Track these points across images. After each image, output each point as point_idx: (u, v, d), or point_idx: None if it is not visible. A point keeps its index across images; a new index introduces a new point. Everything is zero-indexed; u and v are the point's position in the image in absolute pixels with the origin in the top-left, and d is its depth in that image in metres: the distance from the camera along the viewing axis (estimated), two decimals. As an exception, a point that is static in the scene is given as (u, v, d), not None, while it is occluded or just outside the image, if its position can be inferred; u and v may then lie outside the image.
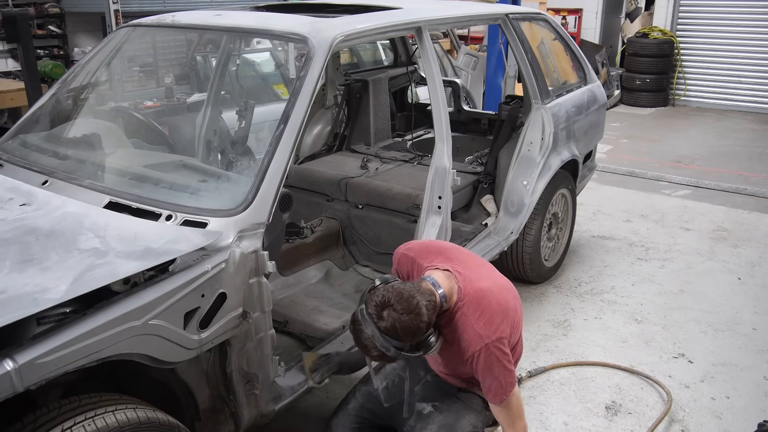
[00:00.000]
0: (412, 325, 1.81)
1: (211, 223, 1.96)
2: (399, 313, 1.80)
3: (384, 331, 1.81)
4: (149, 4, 7.63)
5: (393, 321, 1.80)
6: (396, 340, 1.82)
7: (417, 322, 1.82)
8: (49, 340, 1.50)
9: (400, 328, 1.81)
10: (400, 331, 1.81)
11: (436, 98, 2.84)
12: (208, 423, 2.04)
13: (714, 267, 4.21)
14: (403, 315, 1.80)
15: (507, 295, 2.04)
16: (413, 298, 1.83)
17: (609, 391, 2.96)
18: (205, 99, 3.33)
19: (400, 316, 1.80)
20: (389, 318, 1.80)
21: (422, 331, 1.86)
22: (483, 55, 7.38)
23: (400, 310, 1.80)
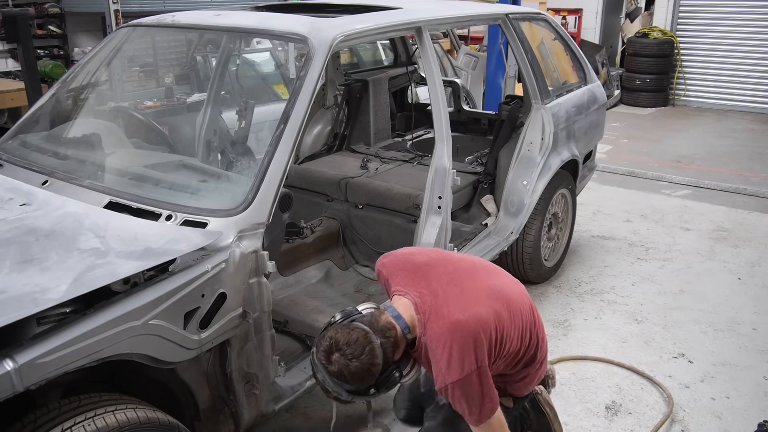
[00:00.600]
0: (362, 369, 1.72)
1: (211, 223, 1.96)
2: (348, 359, 1.72)
3: (334, 375, 1.74)
4: (149, 4, 7.63)
5: (340, 367, 1.72)
6: (347, 383, 1.75)
7: (368, 366, 1.73)
8: (49, 340, 1.50)
9: (348, 374, 1.73)
10: (348, 376, 1.73)
11: (436, 98, 2.84)
12: (208, 423, 2.04)
13: (714, 267, 4.21)
14: (352, 360, 1.71)
15: (486, 315, 1.87)
16: (365, 339, 1.73)
17: (609, 391, 2.96)
18: (205, 99, 3.33)
19: (348, 361, 1.71)
20: (336, 363, 1.73)
21: (374, 374, 1.76)
22: (483, 55, 7.38)
23: (348, 355, 1.71)
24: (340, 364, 1.73)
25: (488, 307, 1.91)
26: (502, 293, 1.99)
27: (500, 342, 1.92)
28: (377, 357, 1.75)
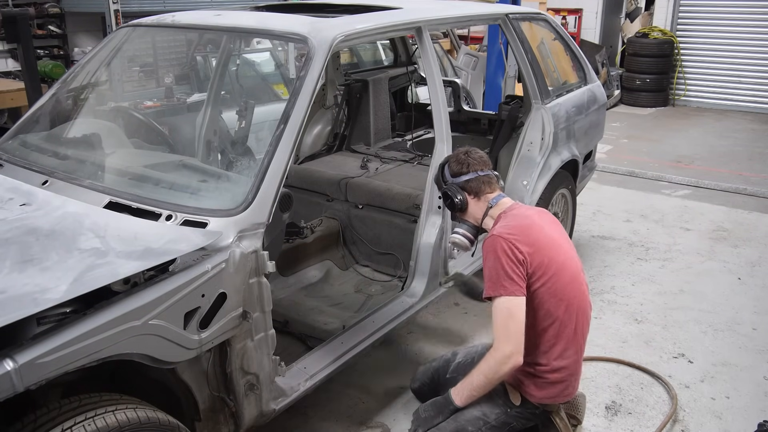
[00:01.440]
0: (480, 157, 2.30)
1: (211, 223, 1.96)
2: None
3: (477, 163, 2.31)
4: (149, 4, 7.63)
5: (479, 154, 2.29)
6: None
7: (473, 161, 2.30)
8: (49, 340, 1.50)
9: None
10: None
11: (436, 98, 2.84)
12: (209, 423, 2.04)
13: (714, 267, 4.21)
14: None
15: (540, 221, 2.24)
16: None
17: (609, 391, 2.96)
18: (205, 99, 3.33)
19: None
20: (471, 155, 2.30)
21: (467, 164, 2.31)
22: (483, 55, 7.39)
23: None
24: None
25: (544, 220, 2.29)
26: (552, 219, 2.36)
27: (536, 248, 2.14)
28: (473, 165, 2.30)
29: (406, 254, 2.99)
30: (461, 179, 2.32)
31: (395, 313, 2.73)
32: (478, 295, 2.61)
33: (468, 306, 3.71)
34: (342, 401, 2.89)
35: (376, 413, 2.82)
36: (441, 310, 3.62)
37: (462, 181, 2.32)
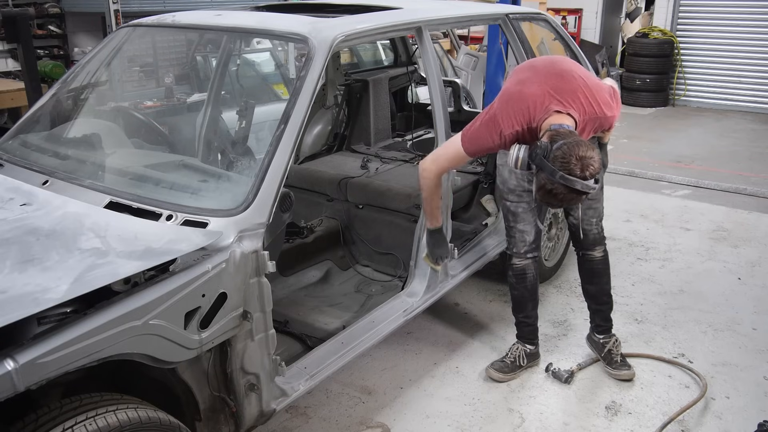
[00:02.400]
0: (599, 158, 2.30)
1: (211, 223, 1.97)
2: (596, 160, 2.27)
3: (591, 177, 2.27)
4: (149, 4, 7.63)
5: (595, 168, 2.26)
6: (595, 176, 2.29)
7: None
8: (50, 339, 1.50)
9: (598, 167, 2.28)
10: (598, 169, 2.29)
11: (436, 98, 2.85)
12: (209, 423, 2.05)
13: (714, 267, 4.21)
14: (596, 159, 2.27)
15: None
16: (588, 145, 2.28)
17: (609, 391, 2.96)
18: (206, 99, 3.33)
19: (597, 161, 2.27)
20: (590, 166, 2.25)
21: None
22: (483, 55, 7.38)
23: (596, 159, 2.27)
24: (594, 166, 2.27)
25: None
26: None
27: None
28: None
29: (406, 254, 3.00)
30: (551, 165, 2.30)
31: (395, 313, 2.73)
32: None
33: (468, 306, 3.71)
34: (342, 401, 2.89)
35: (376, 413, 2.82)
36: (441, 310, 3.63)
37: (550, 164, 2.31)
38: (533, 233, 2.92)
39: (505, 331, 3.42)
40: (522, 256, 2.95)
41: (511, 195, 2.88)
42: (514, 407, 2.86)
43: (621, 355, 3.07)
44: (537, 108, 2.46)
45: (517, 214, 2.89)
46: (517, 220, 2.90)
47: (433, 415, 2.81)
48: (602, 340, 3.09)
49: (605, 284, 3.05)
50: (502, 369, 3.03)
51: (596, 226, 2.95)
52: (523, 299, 3.03)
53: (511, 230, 2.95)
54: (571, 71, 2.56)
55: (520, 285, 3.00)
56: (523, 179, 2.81)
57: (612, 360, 3.05)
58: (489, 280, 3.93)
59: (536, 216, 2.91)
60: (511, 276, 3.01)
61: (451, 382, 3.03)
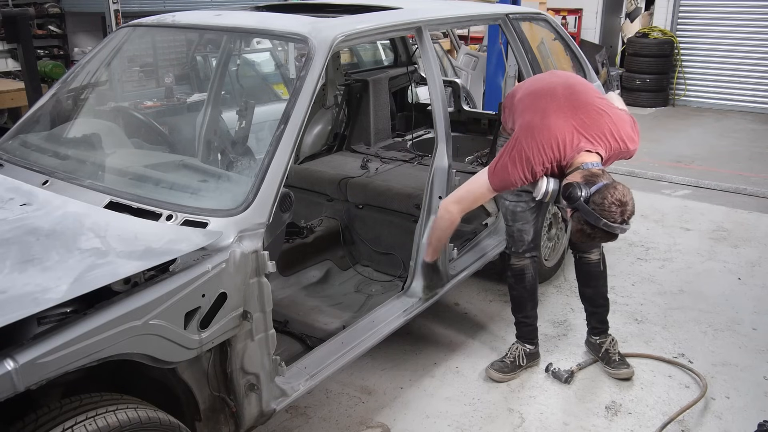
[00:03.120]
0: (632, 199, 2.35)
1: (211, 223, 1.97)
2: (632, 201, 2.34)
3: (628, 220, 2.32)
4: (149, 4, 7.63)
5: (632, 211, 2.33)
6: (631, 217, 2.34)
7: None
8: (50, 339, 1.50)
9: (633, 209, 2.34)
10: (633, 211, 2.34)
11: (436, 98, 2.84)
12: (209, 423, 2.04)
13: (714, 267, 4.21)
14: (631, 200, 2.33)
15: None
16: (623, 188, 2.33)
17: (609, 391, 2.96)
18: (205, 99, 3.33)
19: (632, 202, 2.34)
20: (629, 210, 2.31)
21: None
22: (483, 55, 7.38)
23: (632, 203, 2.33)
24: (629, 211, 2.31)
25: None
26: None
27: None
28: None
29: (406, 254, 2.99)
30: (591, 208, 2.31)
31: (395, 313, 2.73)
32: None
33: (468, 306, 3.71)
34: (342, 401, 2.89)
35: (376, 413, 2.82)
36: (441, 310, 3.63)
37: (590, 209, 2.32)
38: (532, 233, 2.93)
39: (505, 331, 3.42)
40: (520, 256, 2.96)
41: (509, 195, 2.89)
42: (514, 407, 2.86)
43: (619, 354, 3.07)
44: (567, 146, 2.44)
45: (515, 213, 2.90)
46: (515, 220, 2.91)
47: (433, 415, 2.81)
48: (598, 341, 3.10)
49: (602, 287, 3.06)
50: (502, 369, 3.03)
51: None
52: (522, 299, 3.04)
53: (509, 230, 2.97)
54: (594, 104, 2.54)
55: (519, 285, 3.00)
56: None
57: (610, 360, 3.05)
58: (489, 280, 3.93)
59: (535, 216, 2.91)
60: (510, 276, 3.02)
61: (451, 382, 3.03)
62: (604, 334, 3.11)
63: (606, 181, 2.32)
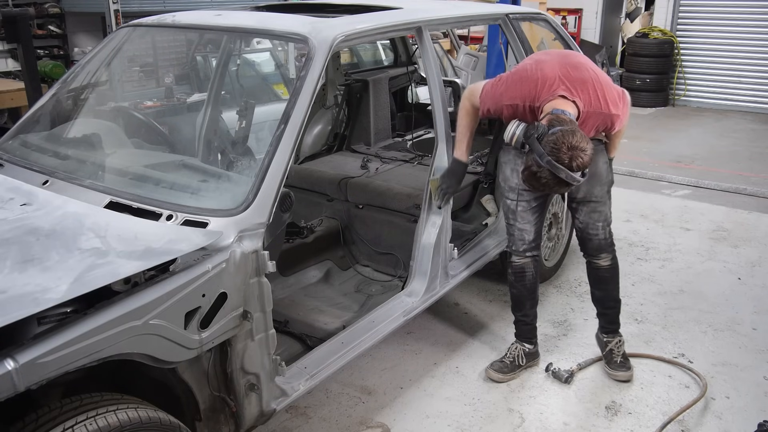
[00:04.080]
0: (591, 153, 2.34)
1: (211, 223, 1.97)
2: (587, 154, 2.30)
3: (578, 169, 2.30)
4: (149, 4, 7.63)
5: (584, 161, 2.30)
6: (583, 170, 2.33)
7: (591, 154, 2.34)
8: (50, 339, 1.50)
9: (587, 162, 2.32)
10: (587, 164, 2.33)
11: (436, 98, 2.85)
12: (209, 423, 2.05)
13: (714, 267, 4.21)
14: (588, 152, 2.31)
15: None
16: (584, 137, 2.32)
17: (609, 391, 2.96)
18: (206, 99, 3.33)
19: (587, 155, 2.31)
20: (579, 158, 2.28)
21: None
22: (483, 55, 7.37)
23: (587, 152, 2.30)
24: (584, 158, 2.31)
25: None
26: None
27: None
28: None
29: (406, 254, 3.00)
30: (547, 150, 2.33)
31: (395, 313, 2.73)
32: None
33: (468, 306, 3.71)
34: (342, 401, 2.89)
35: (376, 413, 2.82)
36: (441, 310, 3.63)
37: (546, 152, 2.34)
38: (533, 232, 2.93)
39: (505, 331, 3.42)
40: (521, 255, 2.96)
41: (511, 193, 2.89)
42: (514, 407, 2.86)
43: (623, 356, 3.07)
44: (544, 88, 2.50)
45: (516, 212, 2.90)
46: (516, 219, 2.91)
47: (433, 415, 2.81)
48: (605, 339, 3.10)
49: (612, 290, 3.05)
50: (502, 369, 3.03)
51: (603, 231, 2.90)
52: (522, 298, 3.04)
53: (510, 228, 2.96)
54: (584, 64, 2.63)
55: (519, 283, 3.01)
56: None
57: (611, 360, 3.05)
58: (489, 280, 3.93)
59: (536, 216, 2.91)
60: (511, 274, 3.02)
61: (451, 382, 3.03)
62: (612, 333, 3.10)
63: (567, 126, 2.32)
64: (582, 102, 2.52)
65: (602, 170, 2.83)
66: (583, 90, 2.53)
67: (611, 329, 3.10)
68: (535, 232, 2.94)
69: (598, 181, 2.82)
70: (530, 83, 2.54)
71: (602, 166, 2.83)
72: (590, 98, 2.54)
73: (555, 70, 2.55)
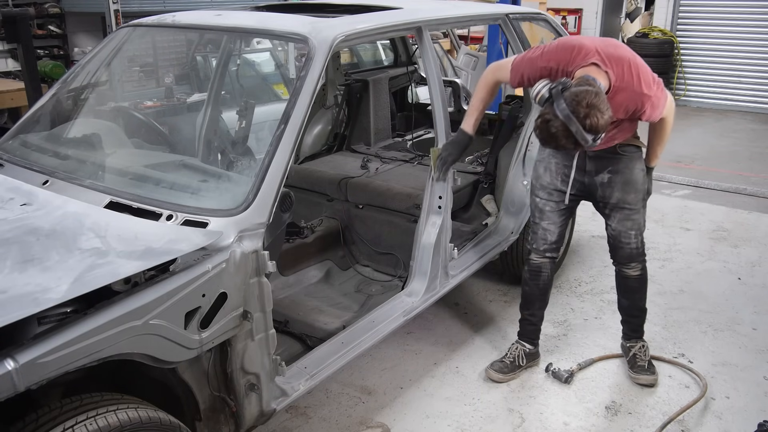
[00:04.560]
0: (609, 121, 2.28)
1: (211, 223, 1.97)
2: (605, 118, 2.24)
3: (590, 130, 2.23)
4: (149, 4, 7.63)
5: (598, 123, 2.23)
6: (596, 134, 2.25)
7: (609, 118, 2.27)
8: (50, 339, 1.50)
9: (602, 126, 2.25)
10: (601, 128, 2.25)
11: (436, 98, 2.85)
12: (209, 423, 2.05)
13: (714, 267, 4.21)
14: (605, 117, 2.24)
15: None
16: (605, 99, 2.26)
17: (609, 391, 2.96)
18: (206, 99, 3.33)
19: (604, 119, 2.24)
20: (595, 117, 2.22)
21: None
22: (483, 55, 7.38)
23: (605, 117, 2.24)
24: (598, 117, 2.23)
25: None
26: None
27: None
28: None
29: (406, 254, 3.00)
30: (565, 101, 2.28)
31: (395, 313, 2.73)
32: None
33: (468, 306, 3.71)
34: (342, 401, 2.89)
35: (376, 413, 2.82)
36: (441, 310, 3.63)
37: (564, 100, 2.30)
38: (557, 234, 2.92)
39: (506, 331, 3.42)
40: (541, 254, 2.95)
41: (542, 192, 2.89)
42: (514, 407, 2.86)
43: (649, 362, 3.03)
44: (579, 55, 2.49)
45: (544, 211, 2.90)
46: (543, 218, 2.91)
47: (433, 415, 2.81)
48: (628, 345, 3.08)
49: (639, 300, 3.01)
50: (502, 369, 3.03)
51: (635, 239, 2.85)
52: (533, 297, 3.03)
53: (534, 226, 2.95)
54: (624, 47, 2.64)
55: (533, 282, 3.00)
56: (556, 178, 2.84)
57: (635, 364, 3.02)
58: (489, 280, 3.93)
59: (563, 219, 2.91)
60: (526, 271, 3.01)
61: (451, 382, 3.03)
62: (635, 339, 3.07)
63: (593, 88, 2.28)
64: (614, 75, 2.49)
65: (638, 177, 2.79)
66: (618, 65, 2.50)
67: (634, 336, 3.07)
68: (559, 234, 2.93)
69: (633, 188, 2.78)
70: (567, 50, 2.52)
71: (638, 173, 2.80)
72: (623, 74, 2.51)
73: (594, 43, 2.54)
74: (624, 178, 2.77)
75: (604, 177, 2.79)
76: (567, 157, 2.80)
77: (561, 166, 2.84)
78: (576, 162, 2.78)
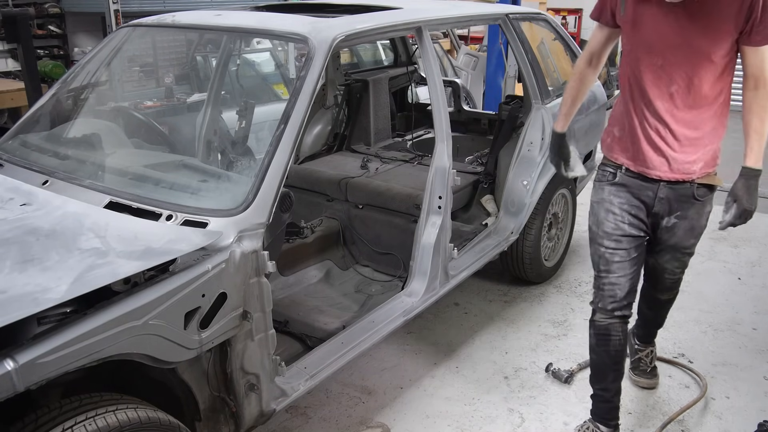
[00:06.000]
0: None
1: (211, 223, 1.97)
2: None
3: None
4: (149, 4, 7.62)
5: None
6: None
7: None
8: (50, 339, 1.50)
9: None
10: None
11: (436, 98, 2.85)
12: (209, 423, 2.05)
13: (714, 267, 4.21)
14: None
15: None
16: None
17: (609, 391, 2.96)
18: (205, 99, 3.33)
19: None
20: None
21: None
22: (483, 55, 7.39)
23: None
24: None
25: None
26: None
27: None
28: None
29: (406, 254, 3.00)
30: None
31: (395, 313, 2.73)
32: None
33: (468, 306, 3.71)
34: (342, 401, 2.89)
35: (376, 413, 2.82)
36: (441, 310, 3.63)
37: None
38: (627, 287, 2.41)
39: (505, 331, 3.42)
40: (608, 314, 2.43)
41: (607, 240, 2.40)
42: (514, 407, 2.86)
43: (654, 367, 3.00)
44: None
45: (611, 263, 2.40)
46: (610, 271, 2.40)
47: (433, 415, 2.81)
48: (636, 347, 3.01)
49: (661, 318, 2.90)
50: None
51: (678, 275, 2.60)
52: (604, 367, 2.51)
53: (599, 281, 2.45)
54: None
55: (601, 348, 2.48)
56: (623, 221, 2.38)
57: (638, 367, 2.99)
58: (489, 280, 3.93)
59: (636, 267, 2.43)
60: (592, 335, 2.50)
61: (451, 382, 3.03)
62: (645, 344, 3.00)
63: None
64: None
65: (704, 223, 2.46)
66: None
67: (645, 340, 3.00)
68: (630, 287, 2.43)
69: (696, 234, 2.46)
70: None
71: (706, 217, 2.45)
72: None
73: None
74: (690, 224, 2.41)
75: (669, 221, 2.40)
76: (632, 197, 2.38)
77: (627, 206, 2.39)
78: (644, 201, 2.40)
